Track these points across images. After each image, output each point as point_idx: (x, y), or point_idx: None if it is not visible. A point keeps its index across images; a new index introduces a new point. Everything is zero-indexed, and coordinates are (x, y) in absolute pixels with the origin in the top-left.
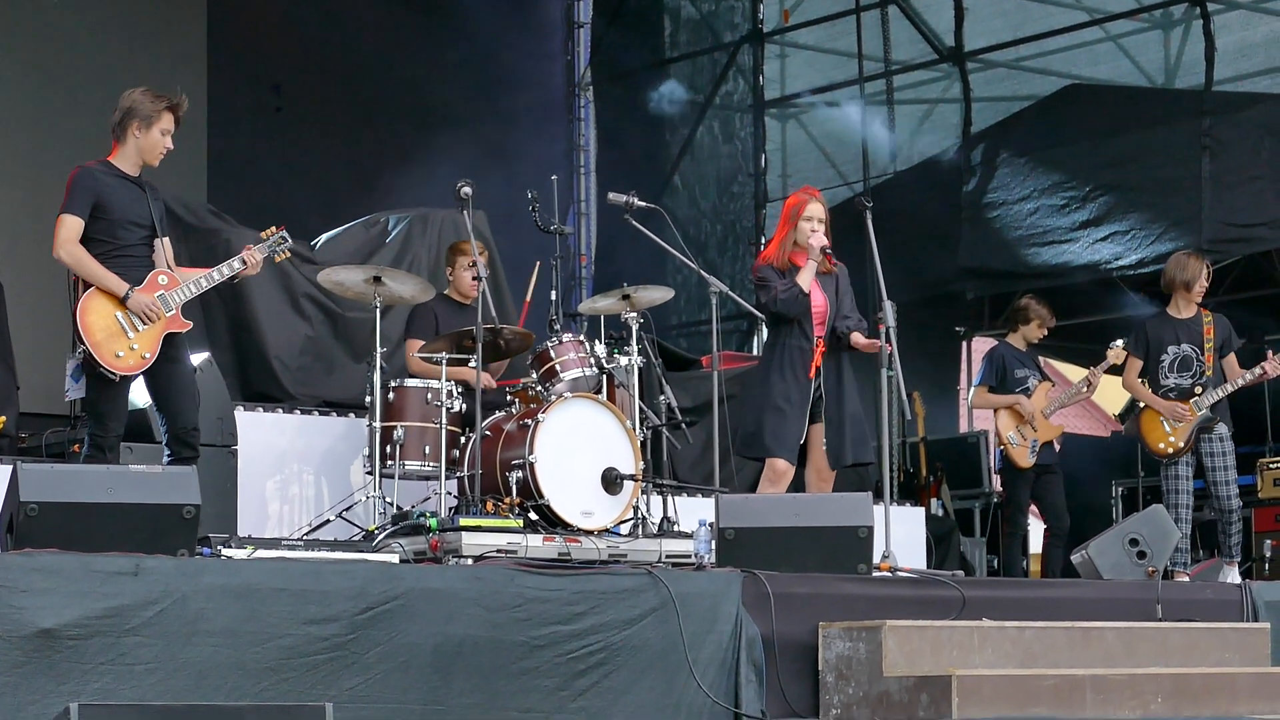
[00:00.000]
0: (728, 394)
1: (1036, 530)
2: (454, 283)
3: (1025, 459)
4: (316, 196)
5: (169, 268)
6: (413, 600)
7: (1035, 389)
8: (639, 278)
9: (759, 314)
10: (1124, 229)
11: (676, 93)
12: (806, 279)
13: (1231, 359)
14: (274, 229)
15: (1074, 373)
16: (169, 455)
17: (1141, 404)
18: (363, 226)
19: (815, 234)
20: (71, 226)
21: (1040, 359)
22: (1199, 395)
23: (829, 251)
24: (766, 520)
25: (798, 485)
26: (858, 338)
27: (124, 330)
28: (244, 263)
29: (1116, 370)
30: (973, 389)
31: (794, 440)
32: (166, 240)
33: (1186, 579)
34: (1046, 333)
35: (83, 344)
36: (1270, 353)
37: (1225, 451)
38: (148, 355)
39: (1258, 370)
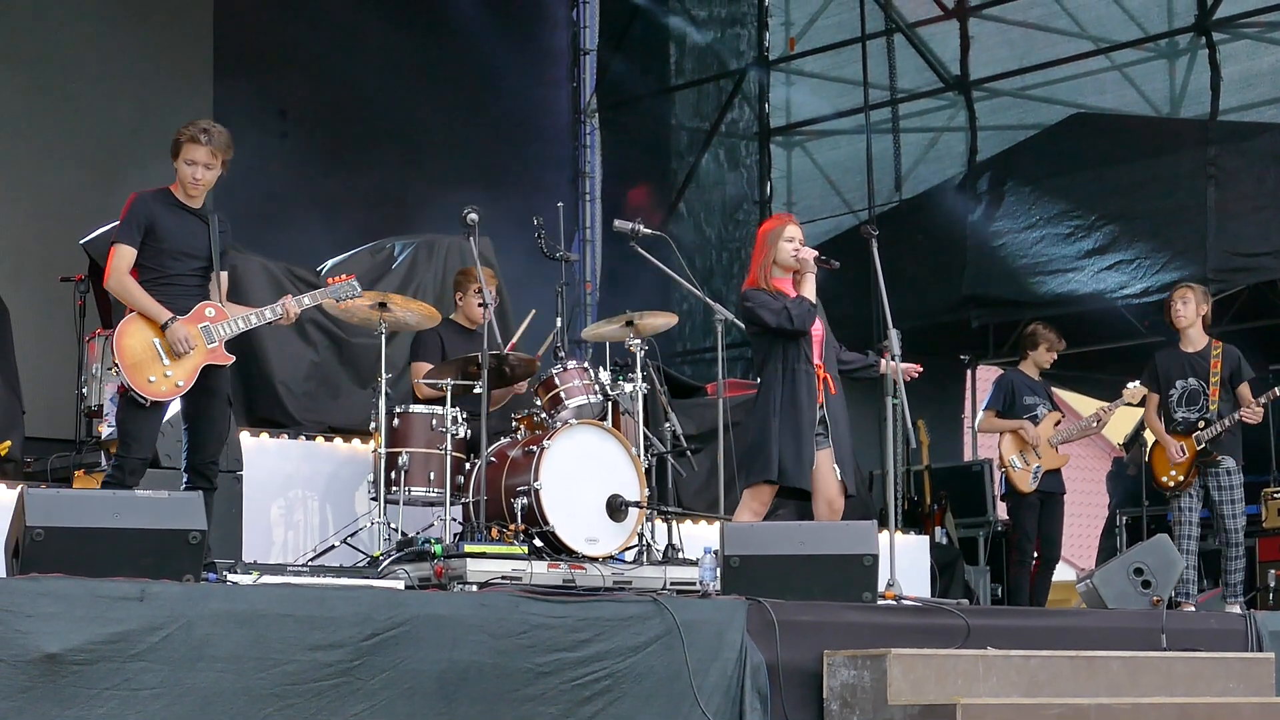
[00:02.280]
0: (733, 421)
1: None
2: (462, 308)
3: (1027, 484)
4: (322, 222)
5: (221, 302)
6: (418, 627)
7: (1044, 418)
8: (644, 305)
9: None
10: (1129, 258)
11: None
12: (810, 292)
13: (1244, 389)
14: (343, 276)
15: (1077, 400)
16: (186, 481)
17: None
18: (369, 252)
19: (802, 249)
20: (123, 256)
21: (1052, 390)
22: (1200, 430)
23: (824, 258)
24: (771, 548)
25: (805, 514)
26: (901, 365)
27: (159, 356)
28: (281, 310)
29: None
30: (980, 413)
31: (805, 468)
32: (224, 275)
33: (1192, 609)
34: (1056, 356)
35: (116, 365)
36: (1249, 402)
37: (1231, 485)
38: (182, 383)
39: (1241, 412)
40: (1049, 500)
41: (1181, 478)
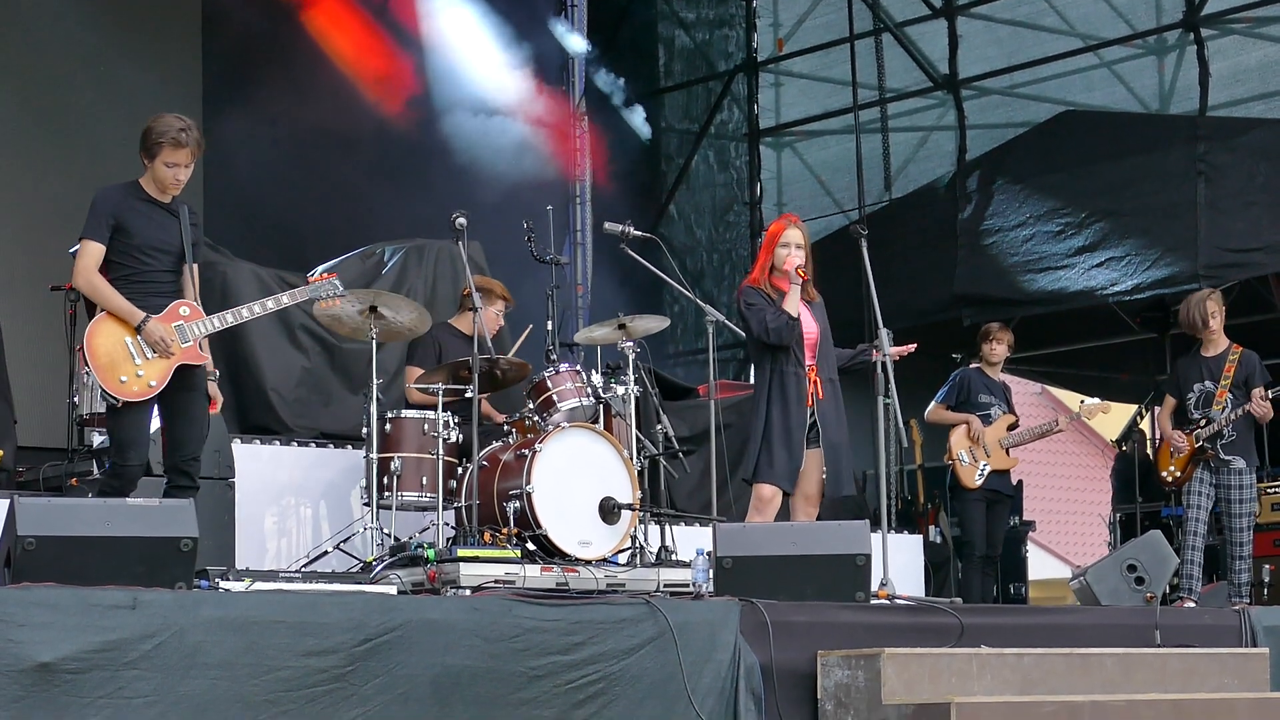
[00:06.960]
0: (725, 423)
1: (1035, 556)
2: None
3: (972, 479)
4: (313, 228)
5: (194, 297)
6: (411, 631)
7: (997, 419)
8: (635, 307)
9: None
10: (1120, 255)
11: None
12: (794, 304)
13: (1256, 391)
14: (324, 275)
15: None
16: (167, 483)
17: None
18: (359, 258)
19: (790, 258)
20: (91, 253)
21: (1010, 395)
22: (1200, 428)
23: (805, 276)
24: (764, 549)
25: (783, 512)
26: (894, 349)
27: (131, 356)
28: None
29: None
30: (931, 404)
31: (790, 469)
32: (196, 267)
33: (1193, 605)
34: (1006, 346)
35: (87, 367)
36: (1258, 393)
37: (1240, 485)
38: (154, 384)
39: (1245, 407)
40: (997, 501)
41: (1179, 472)
